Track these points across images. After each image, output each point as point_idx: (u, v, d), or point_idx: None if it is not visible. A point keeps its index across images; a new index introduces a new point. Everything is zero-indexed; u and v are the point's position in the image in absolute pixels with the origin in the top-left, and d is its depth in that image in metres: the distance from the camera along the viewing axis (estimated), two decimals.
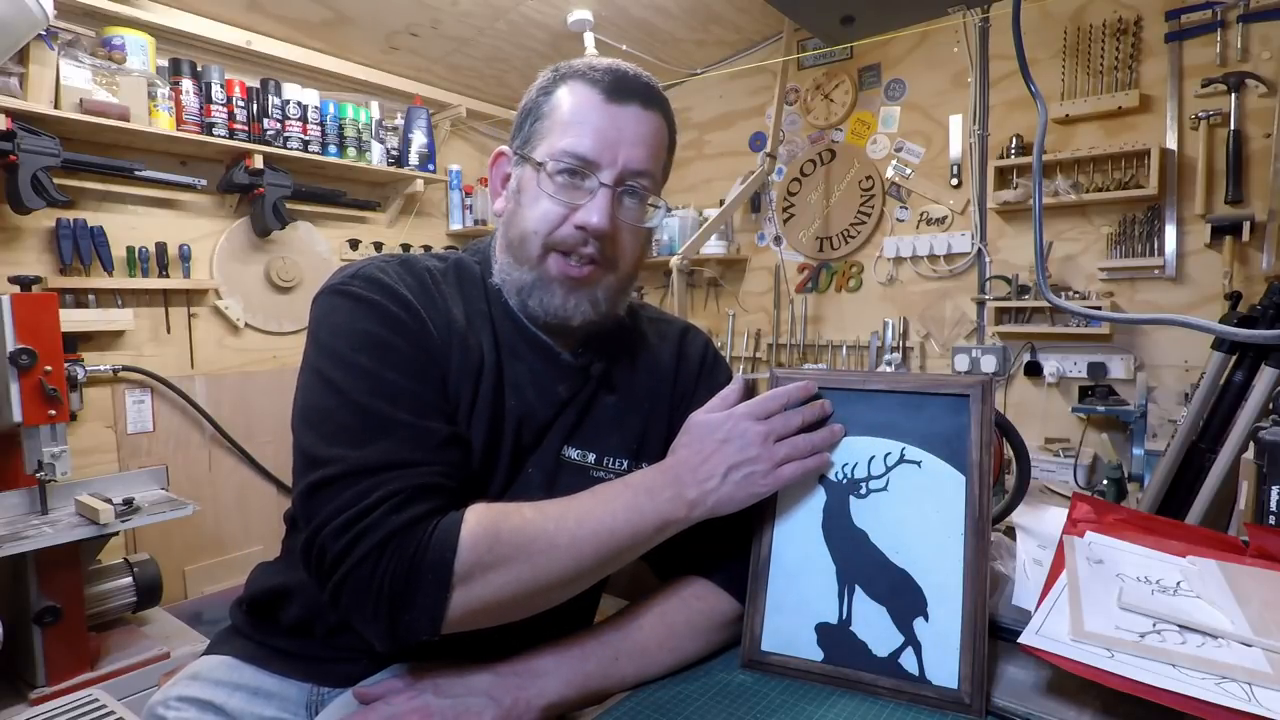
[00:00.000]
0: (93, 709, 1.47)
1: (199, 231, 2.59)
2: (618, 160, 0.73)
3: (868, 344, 3.13)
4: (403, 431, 0.65)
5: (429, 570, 0.59)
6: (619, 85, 0.74)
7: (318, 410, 0.67)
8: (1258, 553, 0.76)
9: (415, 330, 0.71)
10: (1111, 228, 2.56)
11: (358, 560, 0.59)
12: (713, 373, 0.91)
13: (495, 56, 3.03)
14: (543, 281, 0.75)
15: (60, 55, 2.10)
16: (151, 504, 1.96)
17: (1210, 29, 2.36)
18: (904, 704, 0.66)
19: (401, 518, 0.60)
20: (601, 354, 0.83)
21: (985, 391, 0.71)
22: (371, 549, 0.59)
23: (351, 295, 0.71)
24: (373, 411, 0.65)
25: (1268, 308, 1.16)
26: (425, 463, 0.64)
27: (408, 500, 0.61)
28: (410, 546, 0.60)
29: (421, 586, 0.59)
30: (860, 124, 3.17)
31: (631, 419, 0.83)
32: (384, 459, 0.63)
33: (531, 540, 0.63)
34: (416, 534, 0.60)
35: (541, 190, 0.74)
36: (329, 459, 0.63)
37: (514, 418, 0.76)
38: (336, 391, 0.66)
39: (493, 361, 0.76)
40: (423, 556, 0.59)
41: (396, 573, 0.59)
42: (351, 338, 0.69)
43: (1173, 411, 2.43)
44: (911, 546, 0.70)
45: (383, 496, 0.61)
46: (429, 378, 0.70)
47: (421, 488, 0.63)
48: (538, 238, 0.74)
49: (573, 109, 0.74)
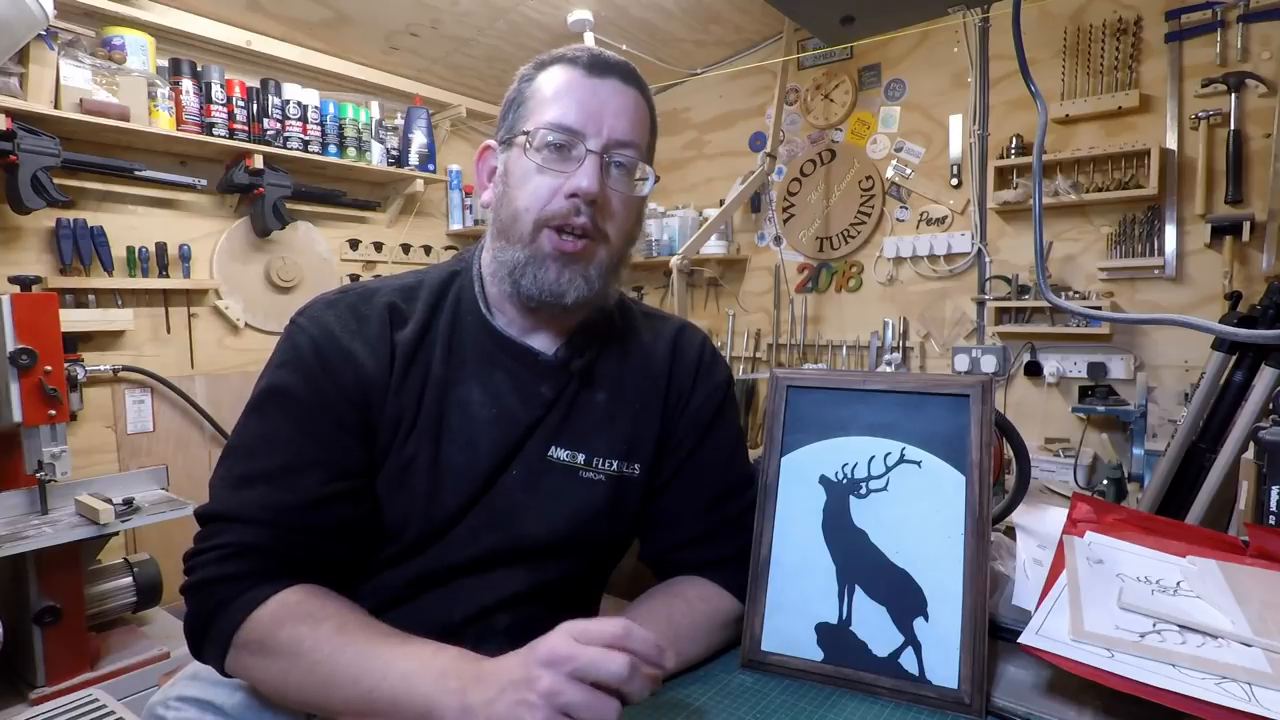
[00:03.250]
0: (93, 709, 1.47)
1: (199, 231, 2.59)
2: (602, 130, 0.74)
3: (868, 344, 3.13)
4: (267, 486, 0.69)
5: (214, 629, 0.66)
6: (597, 62, 0.76)
7: (229, 444, 0.74)
8: (1258, 553, 0.76)
9: (326, 380, 0.73)
10: (1111, 228, 2.56)
11: (185, 588, 0.68)
12: (710, 371, 0.89)
13: (495, 56, 3.03)
14: (536, 258, 0.75)
15: (60, 55, 2.10)
16: (151, 504, 1.96)
17: (1210, 29, 2.36)
18: (904, 704, 0.66)
19: (220, 570, 0.66)
20: (587, 349, 0.82)
21: (985, 391, 0.71)
22: (190, 586, 0.67)
23: (289, 334, 0.76)
24: (251, 459, 0.71)
25: (1268, 308, 1.16)
26: (271, 524, 0.68)
27: (231, 556, 0.66)
28: (211, 601, 0.66)
29: (209, 636, 0.66)
30: (860, 124, 3.17)
31: (621, 418, 0.82)
32: (238, 510, 0.68)
33: (297, 655, 0.62)
34: (219, 592, 0.66)
35: (529, 163, 0.74)
36: (212, 495, 0.71)
37: (492, 424, 0.77)
38: (240, 431, 0.73)
39: (439, 373, 0.77)
40: (215, 615, 0.66)
41: (197, 613, 0.67)
42: (269, 379, 0.74)
43: (1173, 411, 2.43)
44: (911, 546, 0.70)
45: (216, 545, 0.67)
46: (323, 432, 0.72)
47: (250, 547, 0.67)
48: (529, 214, 0.74)
49: (554, 87, 0.75)
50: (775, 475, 0.77)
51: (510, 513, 0.77)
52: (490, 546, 0.77)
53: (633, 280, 3.76)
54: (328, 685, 0.61)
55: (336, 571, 0.72)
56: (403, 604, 0.76)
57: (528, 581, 0.79)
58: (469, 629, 0.76)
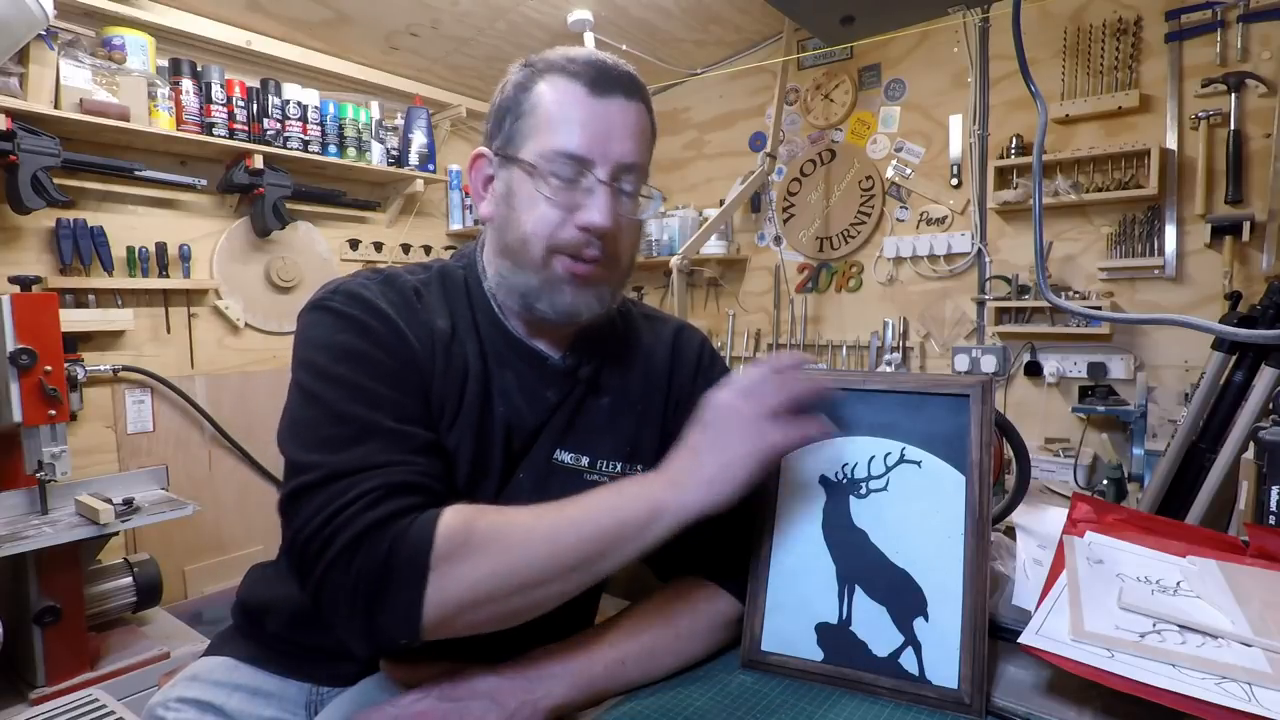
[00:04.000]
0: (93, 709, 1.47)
1: (199, 231, 2.59)
2: (609, 155, 0.72)
3: (868, 344, 3.13)
4: (381, 435, 0.65)
5: (403, 564, 0.58)
6: (601, 78, 0.73)
7: (300, 422, 0.67)
8: (1258, 553, 0.76)
9: (393, 343, 0.71)
10: (1111, 228, 2.56)
11: (332, 558, 0.58)
12: (710, 371, 0.90)
13: (495, 56, 3.03)
14: (551, 283, 0.74)
15: (60, 55, 2.10)
16: (151, 504, 1.96)
17: (1210, 29, 2.36)
18: (904, 704, 0.66)
19: (376, 513, 0.59)
20: (592, 356, 0.82)
21: (985, 391, 0.71)
22: (345, 546, 0.58)
23: (331, 310, 0.72)
24: (351, 418, 0.65)
25: (1268, 308, 1.16)
26: (403, 462, 0.64)
27: (383, 497, 0.60)
28: (384, 541, 0.58)
29: (396, 581, 0.58)
30: (860, 124, 3.17)
31: (624, 421, 0.83)
32: (361, 462, 0.62)
33: (507, 530, 0.62)
34: (390, 529, 0.59)
35: (538, 193, 0.73)
36: (308, 465, 0.63)
37: (503, 424, 0.76)
38: (317, 403, 0.67)
39: (479, 369, 0.76)
40: (398, 549, 0.58)
41: (371, 568, 0.58)
42: (330, 351, 0.69)
43: (1173, 411, 2.43)
44: (911, 546, 0.70)
45: (358, 494, 0.60)
46: (408, 387, 0.70)
47: (399, 485, 0.62)
48: (539, 241, 0.73)
49: (557, 105, 0.73)
50: (775, 475, 0.77)
51: None
52: None
53: (633, 280, 3.75)
54: (553, 538, 0.62)
55: None
56: None
57: None
58: None
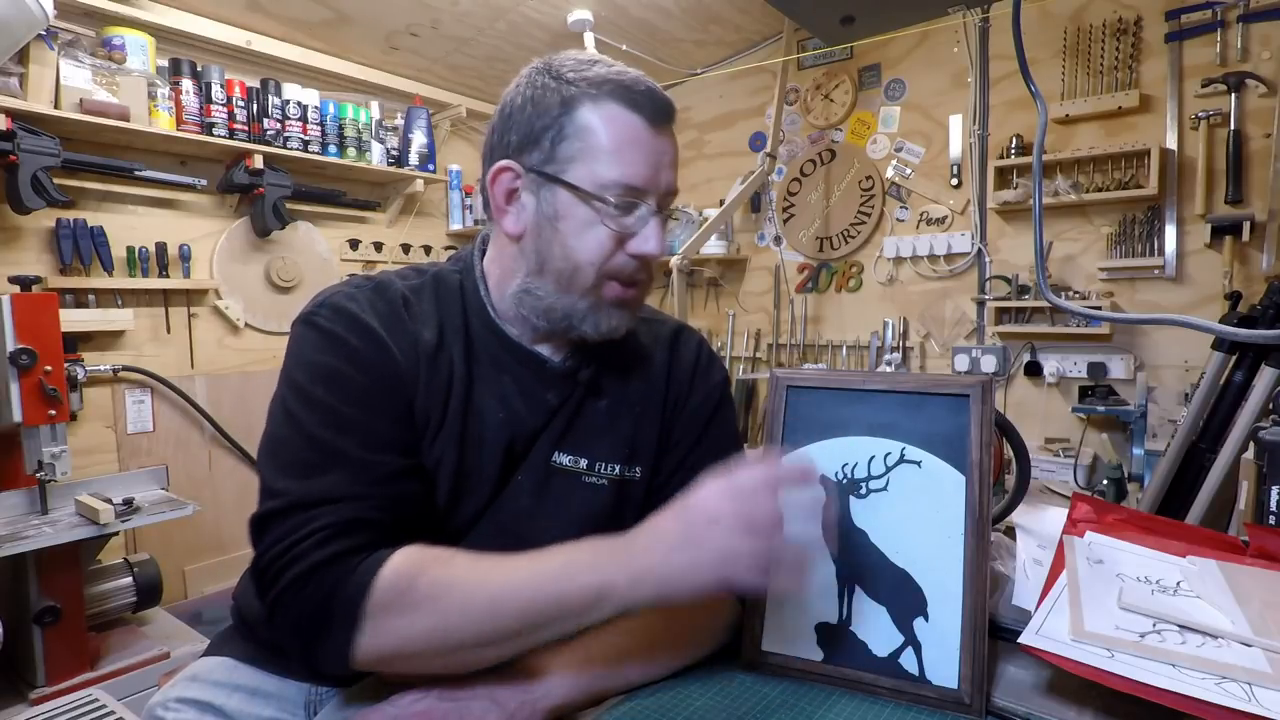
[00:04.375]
0: (93, 709, 1.47)
1: (199, 231, 2.59)
2: (660, 185, 0.74)
3: (868, 344, 3.13)
4: (347, 465, 0.67)
5: (339, 608, 0.61)
6: (659, 112, 0.73)
7: (276, 440, 0.70)
8: (1258, 553, 0.76)
9: (374, 361, 0.72)
10: (1111, 228, 2.56)
11: (281, 590, 0.62)
12: (707, 372, 0.89)
13: (495, 56, 3.03)
14: (599, 306, 0.76)
15: (60, 55, 2.10)
16: (151, 504, 1.96)
17: (1210, 29, 2.36)
18: (904, 704, 0.66)
19: (325, 552, 0.62)
20: (591, 358, 0.82)
21: (985, 391, 0.71)
22: (293, 580, 0.62)
23: (316, 326, 0.73)
24: (321, 444, 0.67)
25: (1267, 308, 1.17)
26: (363, 497, 0.66)
27: (336, 534, 0.63)
28: (328, 581, 0.61)
29: (331, 622, 0.61)
30: (860, 124, 3.17)
31: (622, 423, 0.82)
32: (324, 493, 0.65)
33: (448, 590, 0.61)
34: (336, 569, 0.62)
35: (598, 222, 0.72)
36: (276, 491, 0.66)
37: (500, 429, 0.76)
38: (292, 423, 0.69)
39: (462, 374, 0.76)
40: (337, 593, 0.61)
41: (310, 607, 0.62)
42: (310, 370, 0.71)
43: (1173, 411, 2.43)
44: (911, 546, 0.70)
45: (311, 531, 0.63)
46: (383, 410, 0.71)
47: (354, 521, 0.64)
48: (593, 268, 0.74)
49: (618, 137, 0.71)
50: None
51: (517, 520, 0.77)
52: (497, 551, 0.76)
53: None
54: (492, 607, 0.61)
55: None
56: None
57: None
58: None
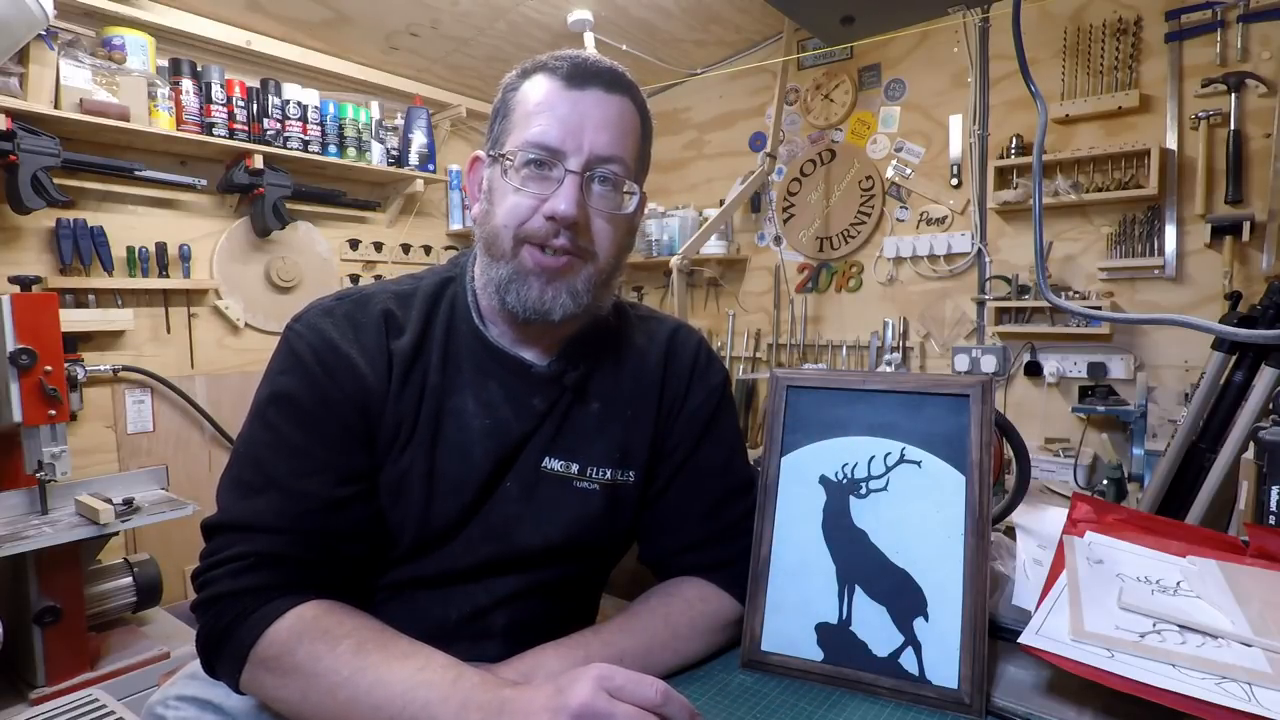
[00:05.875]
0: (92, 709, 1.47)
1: (199, 231, 2.59)
2: (583, 146, 0.72)
3: (868, 344, 3.13)
4: (277, 491, 0.69)
5: (231, 644, 0.64)
6: (577, 70, 0.73)
7: (235, 451, 0.74)
8: (1258, 553, 0.76)
9: (331, 384, 0.72)
10: (1111, 228, 2.56)
11: (197, 604, 0.67)
12: (706, 373, 0.88)
13: (495, 56, 3.03)
14: (519, 275, 0.74)
15: (60, 55, 2.10)
16: (151, 504, 1.96)
17: (1210, 29, 2.36)
18: (904, 704, 0.66)
19: (235, 584, 0.65)
20: (580, 361, 0.81)
21: (985, 391, 0.71)
22: (206, 599, 0.66)
23: (288, 341, 0.75)
24: (259, 466, 0.70)
25: (1268, 308, 1.17)
26: (284, 531, 0.67)
27: (248, 568, 0.66)
28: (227, 616, 0.64)
29: (224, 653, 0.65)
30: (860, 124, 3.17)
31: (614, 426, 0.81)
32: (250, 519, 0.68)
33: (316, 672, 0.61)
34: (237, 605, 0.64)
35: (508, 184, 0.73)
36: (220, 505, 0.70)
37: (486, 434, 0.76)
38: (246, 438, 0.73)
39: (436, 382, 0.76)
40: (232, 628, 0.64)
41: (211, 631, 0.65)
42: (271, 387, 0.73)
43: (1173, 411, 2.43)
44: (911, 546, 0.70)
45: (232, 556, 0.66)
46: (329, 437, 0.72)
47: (268, 556, 0.66)
48: (508, 231, 0.73)
49: (535, 100, 0.73)
50: (775, 475, 0.77)
51: (506, 524, 0.77)
52: (487, 556, 0.77)
53: (633, 280, 3.76)
54: (346, 710, 0.59)
55: (353, 572, 0.72)
56: (397, 603, 0.76)
57: (525, 584, 0.79)
58: (465, 629, 0.76)
